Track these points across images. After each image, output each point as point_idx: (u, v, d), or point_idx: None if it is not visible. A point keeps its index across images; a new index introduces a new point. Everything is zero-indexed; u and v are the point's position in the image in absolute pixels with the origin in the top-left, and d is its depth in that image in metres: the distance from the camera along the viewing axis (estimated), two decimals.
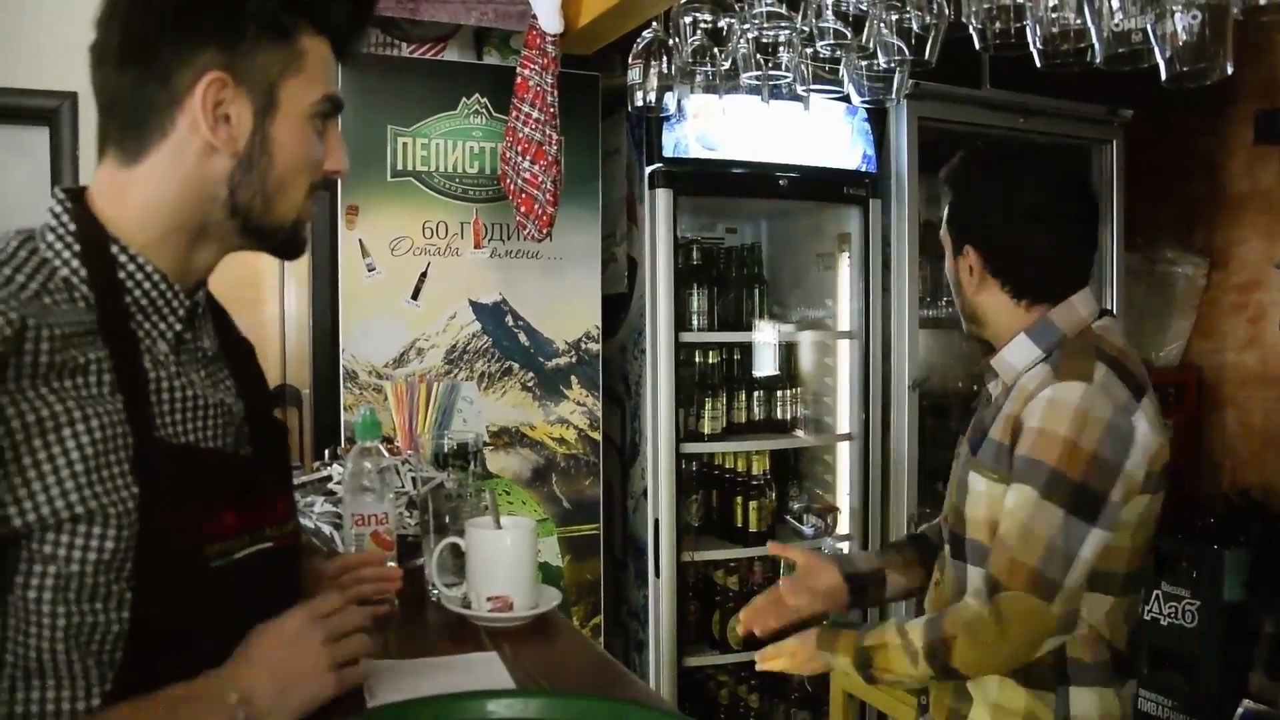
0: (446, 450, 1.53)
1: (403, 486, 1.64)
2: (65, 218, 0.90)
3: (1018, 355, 1.44)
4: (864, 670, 1.41)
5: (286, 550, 1.04)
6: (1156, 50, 1.25)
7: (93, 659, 0.84)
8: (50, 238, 0.89)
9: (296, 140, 0.95)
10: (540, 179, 2.36)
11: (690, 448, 2.87)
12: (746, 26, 1.69)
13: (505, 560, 1.37)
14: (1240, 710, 2.79)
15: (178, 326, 0.94)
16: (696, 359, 2.95)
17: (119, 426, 0.85)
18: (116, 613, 0.85)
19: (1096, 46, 1.31)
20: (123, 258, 0.90)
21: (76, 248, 0.88)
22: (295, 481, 1.70)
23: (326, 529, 1.60)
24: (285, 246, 1.01)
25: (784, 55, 1.75)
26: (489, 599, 1.35)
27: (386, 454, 1.54)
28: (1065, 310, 1.45)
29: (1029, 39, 1.39)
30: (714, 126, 2.78)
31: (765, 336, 3.11)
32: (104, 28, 0.90)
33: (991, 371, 1.50)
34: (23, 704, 0.83)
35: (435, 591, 1.44)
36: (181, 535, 0.89)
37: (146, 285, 0.91)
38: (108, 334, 0.86)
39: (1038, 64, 1.40)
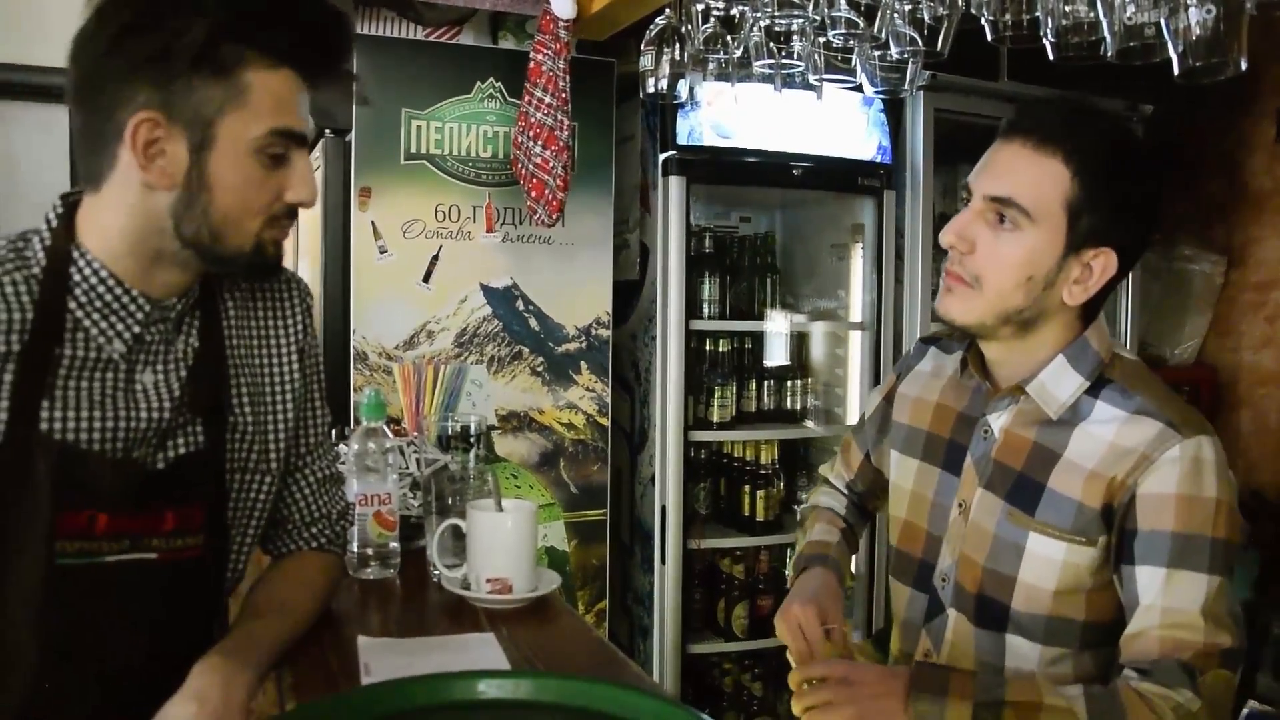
0: (450, 433, 1.54)
1: (407, 468, 1.65)
2: (54, 222, 1.00)
3: (1060, 383, 1.20)
4: None
5: (179, 565, 1.03)
6: (1169, 44, 1.23)
7: None
8: (35, 239, 0.99)
9: (238, 175, 0.96)
10: (551, 164, 2.36)
11: (699, 435, 2.87)
12: (758, 15, 1.68)
13: (505, 542, 1.38)
14: (1246, 711, 2.77)
15: (136, 328, 0.98)
16: (707, 347, 2.95)
17: None
18: None
19: (1108, 40, 1.29)
20: (80, 261, 0.98)
21: (49, 243, 0.98)
22: None
23: None
24: (251, 270, 1.05)
25: (796, 44, 1.74)
26: (488, 580, 1.37)
27: (391, 435, 1.55)
28: (1097, 329, 1.24)
29: (1041, 31, 1.37)
30: (729, 114, 2.76)
31: (777, 326, 3.11)
32: (68, 67, 0.97)
33: (1005, 400, 1.24)
34: None
35: (436, 572, 1.46)
36: (26, 526, 0.93)
37: (101, 288, 0.97)
38: (37, 329, 0.94)
39: (1050, 57, 1.39)
